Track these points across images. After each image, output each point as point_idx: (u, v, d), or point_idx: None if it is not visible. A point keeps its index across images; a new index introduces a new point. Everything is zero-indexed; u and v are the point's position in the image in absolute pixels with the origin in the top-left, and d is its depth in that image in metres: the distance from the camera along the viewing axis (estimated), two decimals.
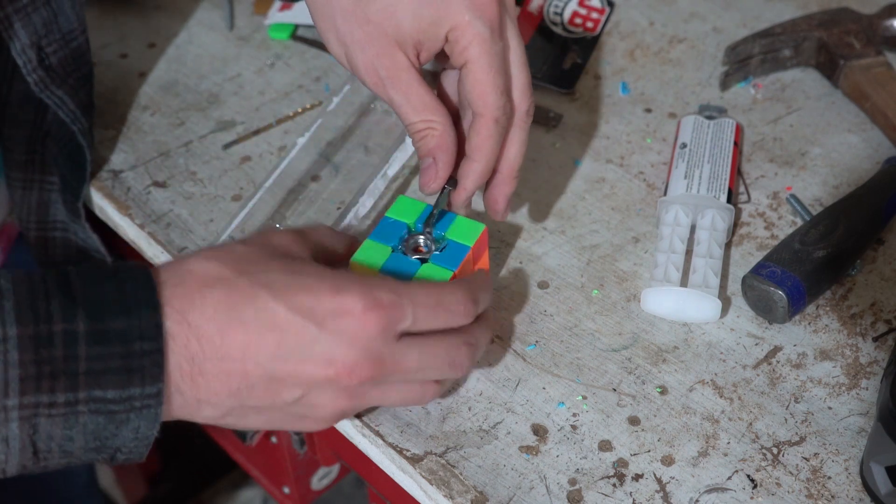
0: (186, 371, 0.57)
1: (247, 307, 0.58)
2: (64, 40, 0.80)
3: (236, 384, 0.58)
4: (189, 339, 0.57)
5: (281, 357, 0.58)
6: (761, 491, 0.66)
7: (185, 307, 0.57)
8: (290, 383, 0.59)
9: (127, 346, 0.55)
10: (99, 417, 0.55)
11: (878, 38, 0.92)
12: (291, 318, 0.58)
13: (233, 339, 0.57)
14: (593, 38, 0.96)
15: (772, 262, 0.74)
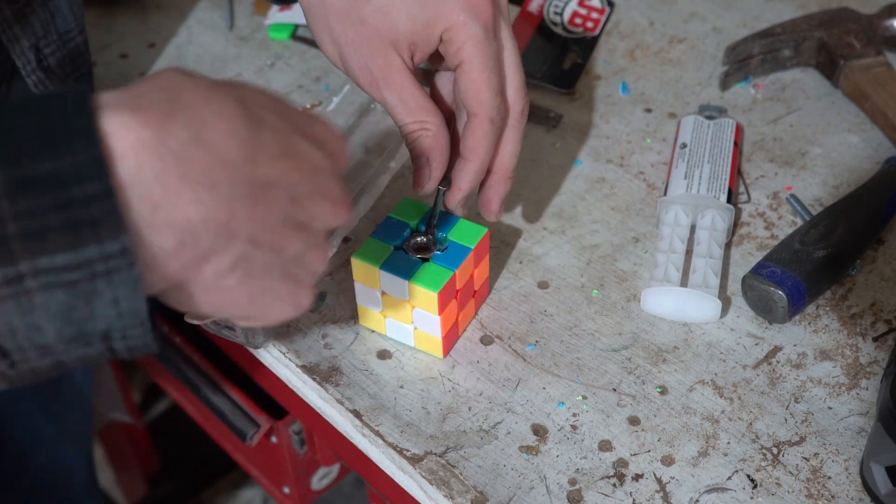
0: (208, 205, 0.46)
1: (260, 125, 0.48)
2: (61, 41, 0.80)
3: (261, 218, 0.48)
4: (208, 159, 0.46)
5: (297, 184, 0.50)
6: (761, 491, 0.66)
7: (189, 122, 0.46)
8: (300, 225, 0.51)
9: (64, 191, 0.43)
10: (57, 292, 0.43)
11: (878, 38, 0.92)
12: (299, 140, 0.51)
13: (256, 161, 0.48)
14: (593, 38, 0.96)
15: (772, 262, 0.74)
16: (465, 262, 0.70)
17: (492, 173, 0.72)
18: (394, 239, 0.71)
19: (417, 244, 0.71)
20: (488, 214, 0.74)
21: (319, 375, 0.72)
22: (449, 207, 0.72)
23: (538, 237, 0.81)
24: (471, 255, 0.70)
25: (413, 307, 0.70)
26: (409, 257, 0.70)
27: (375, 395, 0.71)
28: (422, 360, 0.73)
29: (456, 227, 0.72)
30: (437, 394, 0.71)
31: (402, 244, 0.71)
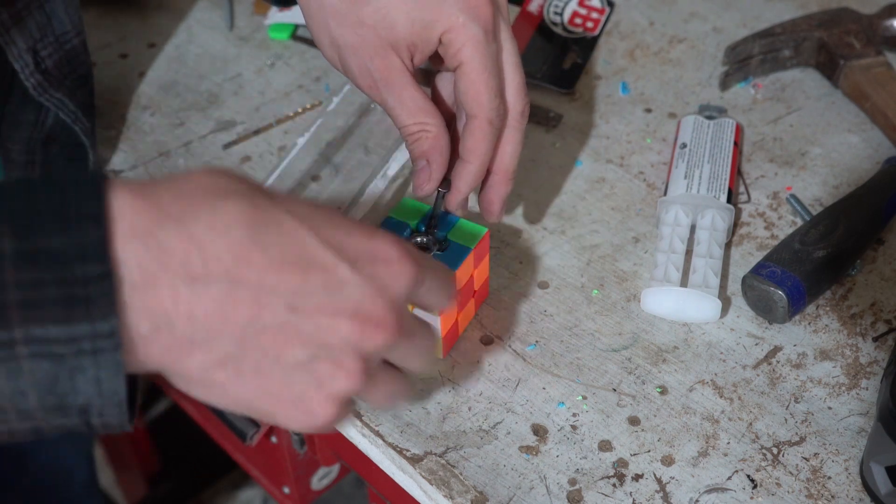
0: (183, 298, 0.46)
1: (269, 230, 0.48)
2: (58, 43, 0.80)
3: (244, 322, 0.48)
4: (190, 257, 0.46)
5: (303, 296, 0.48)
6: (761, 491, 0.66)
7: (186, 216, 0.47)
8: (306, 334, 0.49)
9: (65, 269, 0.45)
10: (44, 362, 0.45)
11: (878, 38, 0.92)
12: (321, 252, 0.49)
13: (250, 263, 0.47)
14: (593, 38, 0.96)
15: (772, 262, 0.74)
16: (465, 262, 0.70)
17: (492, 174, 0.72)
18: None
19: (417, 244, 0.71)
20: (489, 216, 0.74)
21: None
22: (449, 209, 0.72)
23: (538, 237, 0.81)
24: (471, 255, 0.70)
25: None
26: None
27: None
28: None
29: (456, 228, 0.72)
30: (437, 394, 0.71)
31: None
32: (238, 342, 0.48)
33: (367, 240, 0.51)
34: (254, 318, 0.48)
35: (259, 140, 0.89)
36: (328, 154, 0.84)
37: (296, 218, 0.49)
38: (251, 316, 0.48)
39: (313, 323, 0.49)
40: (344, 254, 0.49)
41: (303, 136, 0.84)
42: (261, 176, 0.85)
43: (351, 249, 0.50)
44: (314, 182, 0.83)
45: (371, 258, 0.50)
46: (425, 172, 0.70)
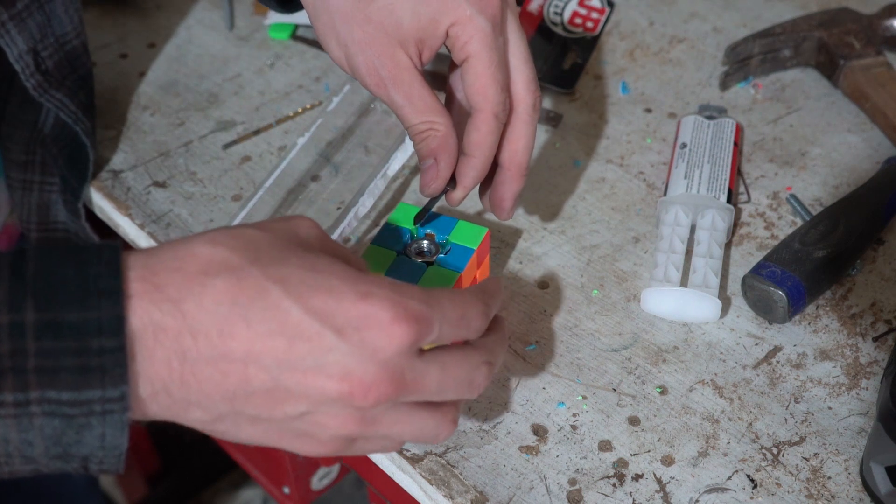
0: (176, 369, 0.50)
1: (254, 303, 0.51)
2: (58, 43, 0.80)
3: (233, 388, 0.51)
4: (181, 334, 0.50)
5: (288, 364, 0.51)
6: (761, 491, 0.66)
7: (180, 295, 0.50)
8: (296, 395, 0.52)
9: (83, 341, 0.48)
10: (55, 421, 0.49)
11: (878, 38, 0.92)
12: (306, 321, 0.51)
13: (234, 336, 0.50)
14: (593, 38, 0.96)
15: (772, 262, 0.74)
16: (470, 263, 0.70)
17: (504, 170, 0.71)
18: (395, 244, 0.70)
19: (419, 248, 0.71)
20: (501, 213, 0.73)
21: None
22: (451, 205, 0.72)
23: (538, 237, 0.81)
24: (474, 255, 0.70)
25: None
26: (413, 262, 0.70)
27: None
28: None
29: (457, 229, 0.72)
30: None
31: (404, 249, 0.70)
32: (230, 403, 0.52)
33: (359, 303, 0.52)
34: (242, 384, 0.51)
35: (259, 140, 0.89)
36: (328, 154, 0.84)
37: (282, 287, 0.51)
38: (239, 383, 0.51)
39: (302, 386, 0.52)
40: (330, 321, 0.51)
41: (303, 136, 0.84)
42: (261, 176, 0.85)
43: (339, 316, 0.51)
44: (314, 182, 0.83)
45: (361, 323, 0.51)
46: (433, 171, 0.69)
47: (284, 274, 0.52)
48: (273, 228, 0.55)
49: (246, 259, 0.52)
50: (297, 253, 0.53)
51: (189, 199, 0.84)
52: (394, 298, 0.52)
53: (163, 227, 0.82)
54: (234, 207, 0.83)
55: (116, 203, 0.84)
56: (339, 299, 0.52)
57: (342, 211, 0.79)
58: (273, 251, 0.53)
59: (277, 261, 0.52)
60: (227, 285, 0.51)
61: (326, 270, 0.53)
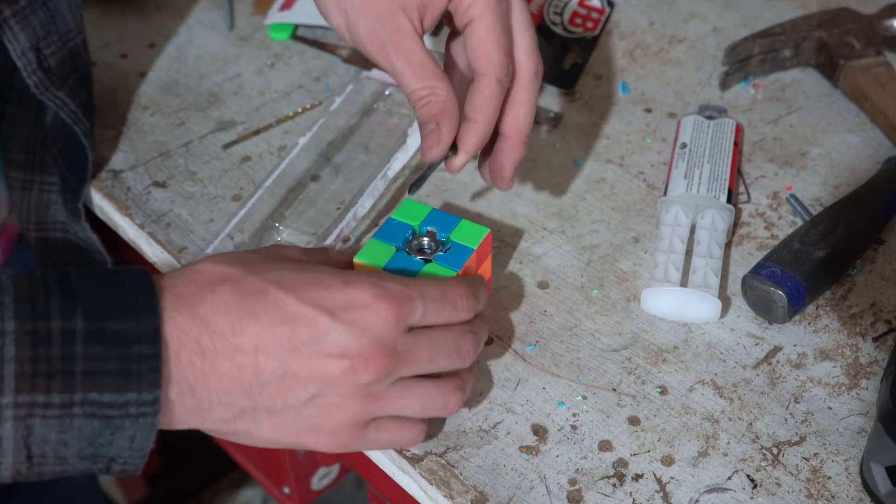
0: (199, 367, 0.56)
1: (258, 301, 0.57)
2: (62, 41, 0.80)
3: (248, 379, 0.57)
4: (201, 334, 0.56)
5: (293, 349, 0.57)
6: (761, 491, 0.66)
7: (196, 302, 0.57)
8: (303, 378, 0.58)
9: (125, 348, 0.54)
10: (94, 422, 0.54)
11: (878, 38, 0.92)
12: (303, 309, 0.57)
13: (244, 331, 0.57)
14: (593, 38, 0.96)
15: (772, 262, 0.74)
16: (468, 262, 0.70)
17: (505, 138, 0.71)
18: (396, 240, 0.70)
19: (420, 245, 0.71)
20: (501, 181, 0.72)
21: None
22: (451, 171, 0.71)
23: (538, 237, 0.81)
24: (473, 255, 0.70)
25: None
26: (411, 258, 0.70)
27: None
28: None
29: (458, 228, 0.71)
30: None
31: (405, 245, 0.70)
32: (248, 396, 0.58)
33: (344, 290, 0.58)
34: (256, 375, 0.57)
35: (259, 140, 0.89)
36: (329, 154, 0.84)
37: (279, 287, 0.58)
38: (253, 374, 0.57)
39: (308, 368, 0.58)
40: (323, 307, 0.58)
41: (304, 135, 0.84)
42: (261, 176, 0.85)
43: (329, 302, 0.58)
44: (314, 182, 0.83)
45: (348, 306, 0.58)
46: (434, 136, 0.68)
47: (278, 276, 0.59)
48: (261, 251, 0.63)
49: (244, 270, 0.59)
50: (285, 263, 0.61)
51: (189, 199, 0.84)
52: (374, 282, 0.59)
53: (163, 227, 0.82)
54: (234, 207, 0.83)
55: (116, 203, 0.84)
56: (327, 287, 0.58)
57: (342, 211, 0.79)
58: (265, 264, 0.60)
59: (271, 268, 0.60)
60: (233, 290, 0.58)
61: (313, 270, 0.60)
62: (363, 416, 0.60)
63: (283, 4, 0.99)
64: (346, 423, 0.60)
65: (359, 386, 0.59)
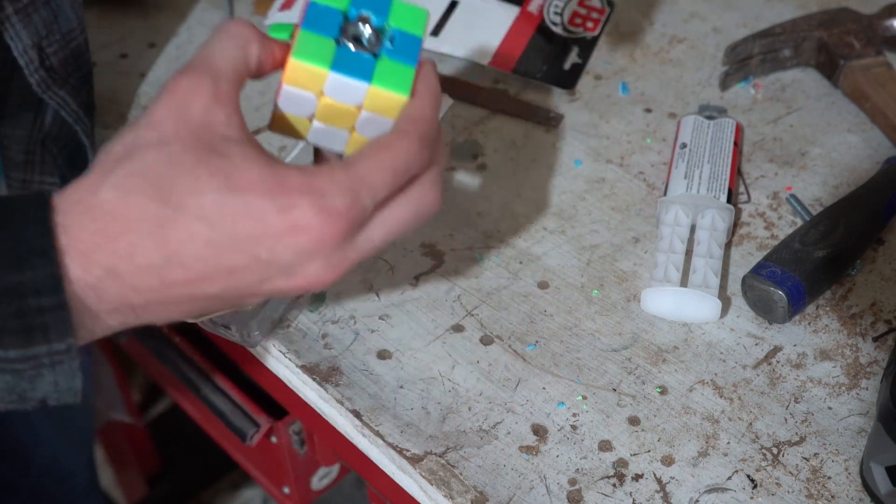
0: (132, 314, 0.53)
1: (185, 247, 0.52)
2: (64, 40, 0.80)
3: (188, 310, 0.54)
4: (124, 293, 0.52)
5: (233, 287, 0.54)
6: (761, 491, 0.66)
7: (114, 262, 0.51)
8: (250, 298, 0.55)
9: (21, 302, 0.50)
10: (6, 376, 0.51)
11: (878, 38, 0.92)
12: (238, 248, 0.52)
13: (174, 283, 0.52)
14: (593, 38, 0.96)
15: (772, 262, 0.74)
16: (421, 55, 0.59)
17: None
18: (329, 30, 0.58)
19: (357, 33, 0.59)
20: None
21: (319, 375, 0.72)
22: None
23: (538, 237, 0.81)
24: (422, 46, 0.60)
25: (361, 111, 0.59)
26: (359, 55, 0.58)
27: (375, 395, 0.71)
28: (422, 361, 0.73)
29: (394, 11, 0.60)
30: (437, 394, 0.71)
31: (340, 34, 0.59)
32: (200, 306, 0.55)
33: (281, 217, 0.52)
34: (194, 307, 0.54)
35: (259, 140, 0.89)
36: None
37: (207, 224, 0.52)
38: (192, 308, 0.54)
39: (257, 293, 0.54)
40: (260, 243, 0.52)
41: None
42: None
43: (269, 236, 0.52)
44: None
45: (289, 235, 0.52)
46: None
47: (204, 208, 0.52)
48: (167, 131, 0.54)
49: (161, 202, 0.52)
50: (208, 167, 0.52)
51: None
52: (314, 204, 0.52)
53: None
54: None
55: None
56: (262, 218, 0.52)
57: None
58: (184, 177, 0.52)
59: (193, 191, 0.52)
60: (153, 240, 0.51)
61: (243, 187, 0.52)
62: (337, 277, 0.56)
63: (283, 4, 0.99)
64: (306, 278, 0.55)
65: (317, 280, 0.55)
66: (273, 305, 0.74)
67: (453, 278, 0.78)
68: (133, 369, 1.60)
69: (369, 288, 0.77)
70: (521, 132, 0.88)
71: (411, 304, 0.76)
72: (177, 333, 0.98)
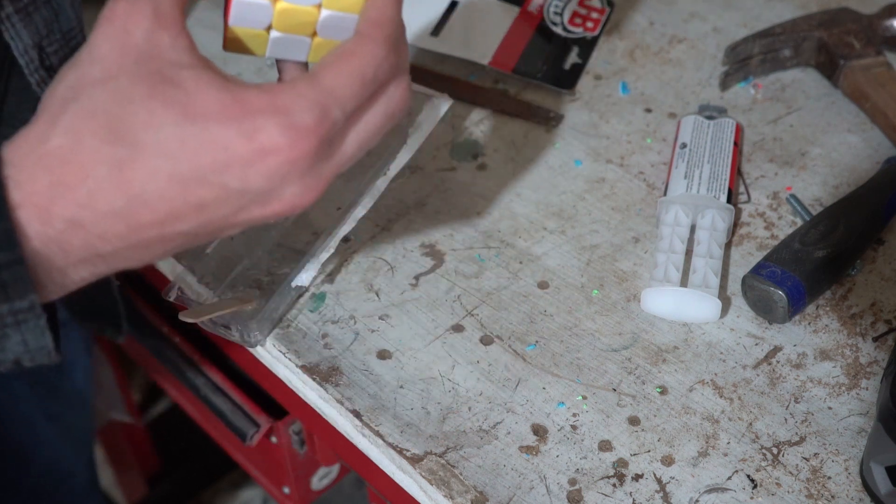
0: (101, 264, 0.50)
1: (148, 186, 0.49)
2: (64, 39, 0.80)
3: (161, 252, 0.51)
4: (90, 241, 0.49)
5: (206, 221, 0.51)
6: (761, 491, 0.66)
7: (73, 211, 0.48)
8: (227, 230, 0.52)
9: None
10: None
11: (878, 38, 0.92)
12: (205, 181, 0.49)
13: (141, 226, 0.49)
14: (593, 38, 0.96)
15: (772, 262, 0.74)
16: None
17: None
18: None
19: None
20: None
21: (319, 375, 0.72)
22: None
23: (538, 237, 0.81)
24: None
25: (321, 10, 0.56)
26: None
27: (375, 395, 0.71)
28: (422, 361, 0.73)
29: None
30: (437, 394, 0.71)
31: None
32: (173, 246, 0.52)
33: (247, 142, 0.49)
34: (168, 248, 0.51)
35: None
36: None
37: (169, 161, 0.48)
38: (165, 249, 0.51)
39: (231, 224, 0.51)
40: (229, 173, 0.49)
41: None
42: None
43: (237, 164, 0.49)
44: None
45: (257, 159, 0.49)
46: None
47: (163, 142, 0.48)
48: (126, 67, 0.50)
49: (117, 142, 0.49)
50: (161, 98, 0.49)
51: None
52: (280, 123, 0.49)
53: None
54: None
55: None
56: (227, 147, 0.49)
57: (342, 211, 0.79)
58: (137, 112, 0.49)
59: (149, 126, 0.49)
60: (113, 184, 0.48)
61: (201, 113, 0.49)
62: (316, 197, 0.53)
63: None
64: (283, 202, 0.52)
65: (295, 203, 0.52)
66: (273, 305, 0.74)
67: (453, 278, 0.78)
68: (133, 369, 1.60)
69: (369, 288, 0.77)
70: (521, 132, 0.88)
71: (411, 304, 0.76)
72: (177, 333, 0.98)
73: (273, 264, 0.78)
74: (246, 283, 0.76)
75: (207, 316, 0.70)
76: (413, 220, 0.82)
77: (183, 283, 0.75)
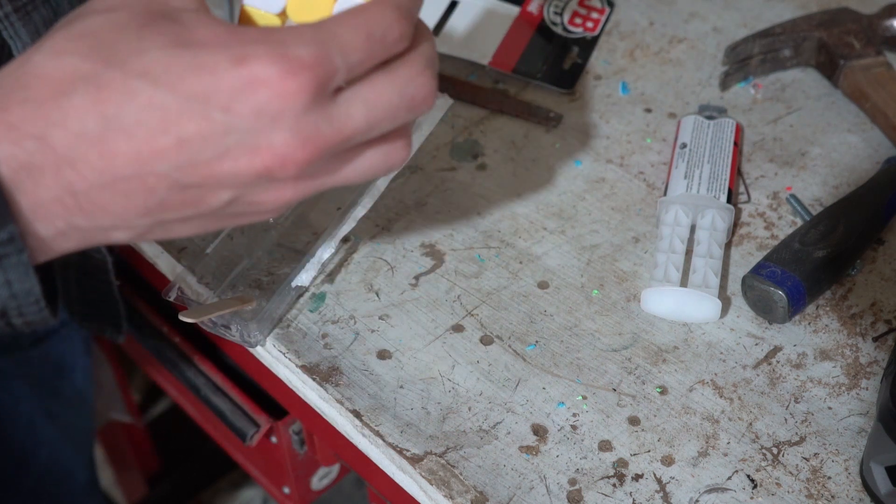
0: (71, 204, 0.46)
1: (125, 108, 0.45)
2: None
3: (143, 203, 0.47)
4: (59, 167, 0.45)
5: (187, 163, 0.46)
6: (761, 491, 0.66)
7: (42, 128, 0.45)
8: (213, 187, 0.47)
9: None
10: None
11: (878, 38, 0.92)
12: (187, 108, 0.45)
13: (117, 154, 0.45)
14: (593, 38, 0.96)
15: (772, 262, 0.74)
16: None
17: None
18: None
19: None
20: None
21: (319, 375, 0.72)
22: None
23: (538, 237, 0.81)
24: None
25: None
26: None
27: (375, 395, 0.71)
28: (422, 360, 0.73)
29: None
30: (437, 394, 0.71)
31: None
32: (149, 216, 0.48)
33: (238, 68, 0.45)
34: (149, 197, 0.47)
35: None
36: None
37: (149, 81, 0.45)
38: (146, 196, 0.47)
39: (212, 178, 0.47)
40: (213, 99, 0.45)
41: None
42: None
43: (220, 91, 0.45)
44: None
45: (246, 90, 0.45)
46: None
47: (147, 64, 0.45)
48: (130, 4, 0.48)
49: (99, 61, 0.46)
50: (155, 28, 0.47)
51: None
52: (274, 52, 0.45)
53: None
54: None
55: None
56: (214, 70, 0.45)
57: (342, 211, 0.79)
58: (127, 38, 0.46)
59: (136, 50, 0.46)
60: (88, 101, 0.45)
61: (193, 41, 0.46)
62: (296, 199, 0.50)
63: None
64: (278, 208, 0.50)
65: (283, 180, 0.48)
66: (273, 305, 0.74)
67: (453, 278, 0.78)
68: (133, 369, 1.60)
69: (369, 288, 0.77)
70: (521, 132, 0.88)
71: (411, 304, 0.76)
72: (177, 333, 0.98)
73: (273, 264, 0.78)
74: (246, 283, 0.76)
75: (207, 316, 0.70)
76: (413, 220, 0.82)
77: (183, 283, 0.75)
